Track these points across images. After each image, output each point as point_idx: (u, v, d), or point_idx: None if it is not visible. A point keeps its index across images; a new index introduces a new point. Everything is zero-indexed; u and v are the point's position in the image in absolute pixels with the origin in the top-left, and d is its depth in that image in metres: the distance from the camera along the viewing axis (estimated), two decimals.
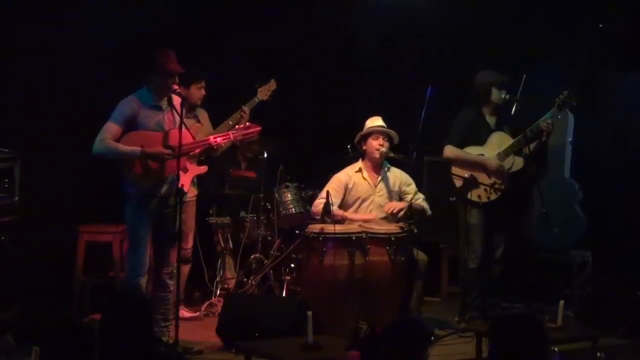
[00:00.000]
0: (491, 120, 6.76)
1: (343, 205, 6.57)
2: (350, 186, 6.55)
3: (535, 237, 7.14)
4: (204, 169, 6.52)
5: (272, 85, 6.93)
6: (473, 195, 6.56)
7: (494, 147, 6.67)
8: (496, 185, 6.59)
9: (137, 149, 5.63)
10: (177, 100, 5.81)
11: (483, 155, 6.68)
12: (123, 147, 5.64)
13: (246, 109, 6.81)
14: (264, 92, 6.91)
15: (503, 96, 6.66)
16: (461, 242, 6.71)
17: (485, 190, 6.60)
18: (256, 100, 6.88)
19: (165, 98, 5.78)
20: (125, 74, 6.43)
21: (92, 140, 5.65)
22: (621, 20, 7.66)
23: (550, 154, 7.50)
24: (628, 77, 7.61)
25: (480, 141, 6.71)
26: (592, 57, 7.69)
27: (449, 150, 6.70)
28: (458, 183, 6.63)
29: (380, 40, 7.79)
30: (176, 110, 5.77)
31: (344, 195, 6.54)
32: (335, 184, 6.54)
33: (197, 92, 6.73)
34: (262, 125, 6.17)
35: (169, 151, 5.66)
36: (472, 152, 6.71)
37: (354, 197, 6.54)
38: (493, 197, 6.61)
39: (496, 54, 7.53)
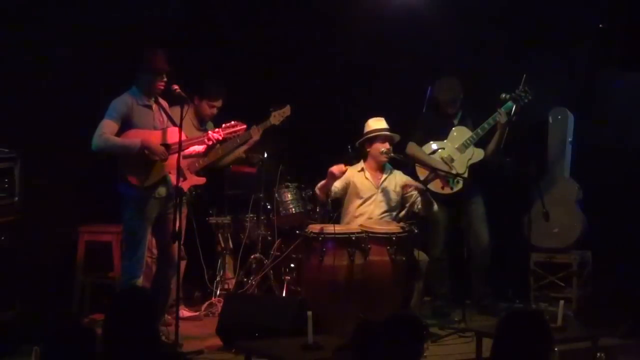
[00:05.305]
0: (455, 115, 7.08)
1: (345, 202, 6.57)
2: (352, 184, 6.54)
3: (535, 237, 7.13)
4: (202, 180, 6.41)
5: (286, 111, 6.64)
6: (433, 186, 6.81)
7: (455, 140, 7.01)
8: (455, 179, 6.85)
9: (137, 140, 5.68)
10: (164, 103, 5.88)
11: (443, 149, 6.98)
12: (123, 140, 5.70)
13: (258, 129, 6.60)
14: (277, 117, 6.62)
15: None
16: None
17: (442, 182, 6.89)
18: (268, 124, 6.63)
19: (152, 98, 5.84)
20: (126, 74, 6.42)
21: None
22: (621, 20, 7.65)
23: (550, 154, 7.50)
24: (628, 77, 7.60)
25: (443, 137, 7.05)
26: (592, 57, 7.69)
27: (409, 148, 6.99)
28: (422, 176, 6.85)
29: (379, 40, 7.78)
30: (164, 111, 5.84)
31: (346, 188, 6.52)
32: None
33: (208, 109, 6.75)
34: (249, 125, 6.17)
35: (164, 150, 5.70)
36: (434, 147, 7.01)
37: (356, 196, 6.53)
38: (447, 190, 6.88)
39: (496, 54, 7.53)
